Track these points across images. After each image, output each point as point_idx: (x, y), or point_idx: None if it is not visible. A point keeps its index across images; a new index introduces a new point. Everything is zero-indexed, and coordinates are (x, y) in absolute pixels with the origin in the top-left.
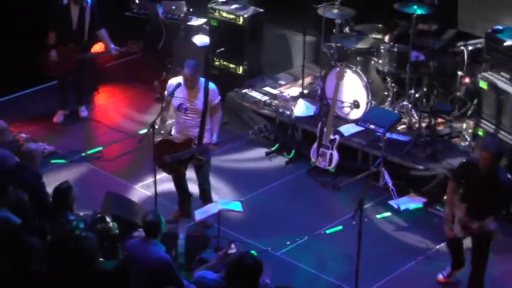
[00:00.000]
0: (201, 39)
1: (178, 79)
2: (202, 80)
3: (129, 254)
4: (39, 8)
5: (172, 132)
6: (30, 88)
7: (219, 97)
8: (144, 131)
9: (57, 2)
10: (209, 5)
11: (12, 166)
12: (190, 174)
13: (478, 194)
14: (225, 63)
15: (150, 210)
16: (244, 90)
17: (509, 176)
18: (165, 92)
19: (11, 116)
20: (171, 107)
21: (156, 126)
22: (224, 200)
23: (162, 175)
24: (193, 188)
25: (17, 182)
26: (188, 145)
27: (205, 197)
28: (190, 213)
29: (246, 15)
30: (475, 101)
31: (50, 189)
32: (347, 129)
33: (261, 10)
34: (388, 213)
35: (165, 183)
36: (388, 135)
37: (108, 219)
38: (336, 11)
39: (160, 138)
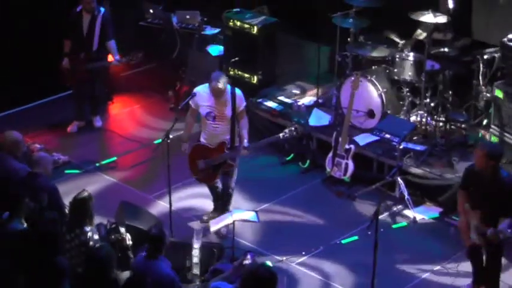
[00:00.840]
0: (215, 49)
1: (204, 87)
2: (228, 86)
3: (135, 271)
4: (58, 15)
5: (201, 139)
6: (46, 98)
7: (245, 103)
8: (159, 140)
9: (71, 10)
10: (223, 15)
11: (24, 177)
12: None
13: (485, 199)
14: (239, 72)
15: (154, 223)
16: (258, 100)
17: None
18: (191, 101)
19: (25, 126)
20: (193, 114)
21: (171, 136)
22: (239, 209)
23: (176, 185)
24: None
25: (32, 191)
26: (221, 150)
27: (227, 201)
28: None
29: (260, 25)
30: (491, 110)
31: (64, 200)
32: (362, 139)
33: (275, 19)
34: (404, 223)
35: (180, 193)
36: (403, 144)
37: (121, 230)
38: (351, 20)
39: (195, 144)
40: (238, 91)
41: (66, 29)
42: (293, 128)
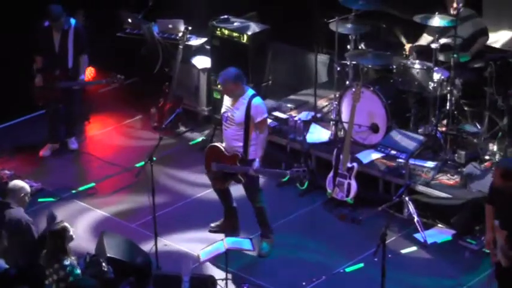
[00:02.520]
0: (201, 61)
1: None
2: (250, 92)
3: None
4: (25, 31)
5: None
6: (16, 118)
7: (265, 115)
8: (142, 163)
9: (39, 24)
10: (210, 23)
11: None
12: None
13: (509, 220)
14: None
15: (139, 254)
16: None
17: None
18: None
19: None
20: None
21: (155, 158)
22: (232, 237)
23: (162, 211)
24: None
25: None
26: (233, 161)
27: (260, 217)
28: (236, 227)
29: (250, 33)
30: (505, 120)
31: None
32: (366, 156)
33: (267, 27)
34: (414, 248)
35: (166, 220)
36: (411, 161)
37: (102, 262)
38: (350, 25)
39: (213, 144)
40: (256, 100)
41: (35, 46)
42: (302, 170)
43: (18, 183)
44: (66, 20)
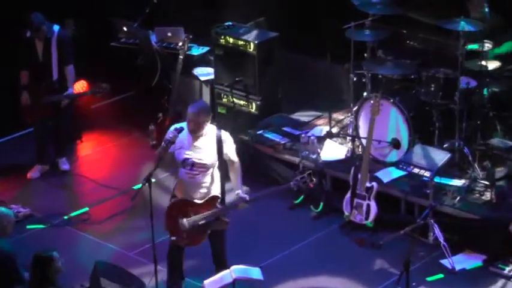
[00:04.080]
0: (204, 72)
1: (183, 124)
2: (212, 127)
3: None
4: (6, 44)
5: (176, 193)
6: (1, 137)
7: (234, 145)
8: (139, 185)
9: (21, 35)
10: (213, 30)
11: None
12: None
13: None
14: (234, 99)
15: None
16: (259, 132)
17: None
18: (166, 137)
19: None
20: (171, 156)
21: (154, 180)
22: (239, 266)
23: (161, 238)
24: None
25: None
26: (212, 205)
27: (222, 261)
28: None
29: (257, 41)
30: None
31: (25, 262)
32: (386, 175)
33: (276, 34)
34: (440, 275)
35: (166, 248)
36: (436, 179)
37: None
38: (367, 31)
39: (176, 199)
40: (225, 134)
41: (19, 59)
42: (306, 175)
43: (2, 210)
44: (48, 28)
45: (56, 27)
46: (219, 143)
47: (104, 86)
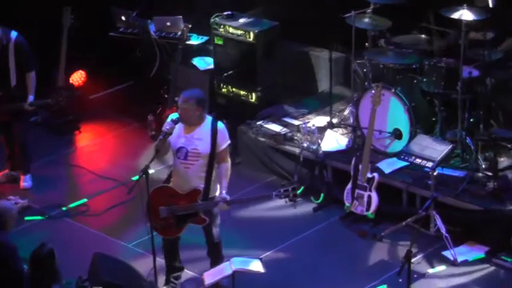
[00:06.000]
0: (203, 62)
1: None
2: (209, 118)
3: None
4: None
5: (172, 181)
6: None
7: (228, 141)
8: (137, 177)
9: None
10: (212, 20)
11: None
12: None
13: None
14: (234, 89)
15: (135, 278)
16: (259, 122)
17: None
18: (163, 128)
19: None
20: (168, 147)
21: (151, 171)
22: (239, 258)
23: None
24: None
25: None
26: (193, 198)
27: (216, 253)
28: None
29: (257, 30)
30: None
31: (24, 254)
32: (388, 165)
33: (276, 23)
34: (442, 267)
35: None
36: (438, 170)
37: None
38: (367, 20)
39: (161, 185)
40: (221, 125)
41: None
42: (290, 188)
43: (4, 204)
44: (3, 33)
45: (14, 34)
46: (214, 134)
47: (65, 94)
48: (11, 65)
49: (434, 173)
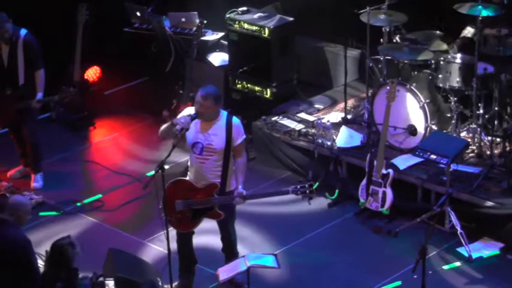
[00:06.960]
0: (218, 57)
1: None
2: (224, 113)
3: None
4: None
5: (188, 175)
6: None
7: (244, 136)
8: (152, 173)
9: None
10: (227, 16)
11: None
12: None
13: None
14: (249, 85)
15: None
16: (274, 118)
17: None
18: (177, 126)
19: None
20: (183, 143)
21: (167, 167)
22: (254, 253)
23: None
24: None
25: None
26: (210, 192)
27: (230, 249)
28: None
29: (272, 26)
30: None
31: (38, 249)
32: (402, 162)
33: (291, 19)
34: (457, 263)
35: None
36: (453, 166)
37: (110, 283)
38: (383, 16)
39: (179, 178)
40: (236, 120)
41: None
42: (307, 185)
43: (19, 198)
44: (13, 30)
45: (23, 31)
46: (229, 129)
47: (71, 90)
48: (19, 62)
49: (449, 169)
